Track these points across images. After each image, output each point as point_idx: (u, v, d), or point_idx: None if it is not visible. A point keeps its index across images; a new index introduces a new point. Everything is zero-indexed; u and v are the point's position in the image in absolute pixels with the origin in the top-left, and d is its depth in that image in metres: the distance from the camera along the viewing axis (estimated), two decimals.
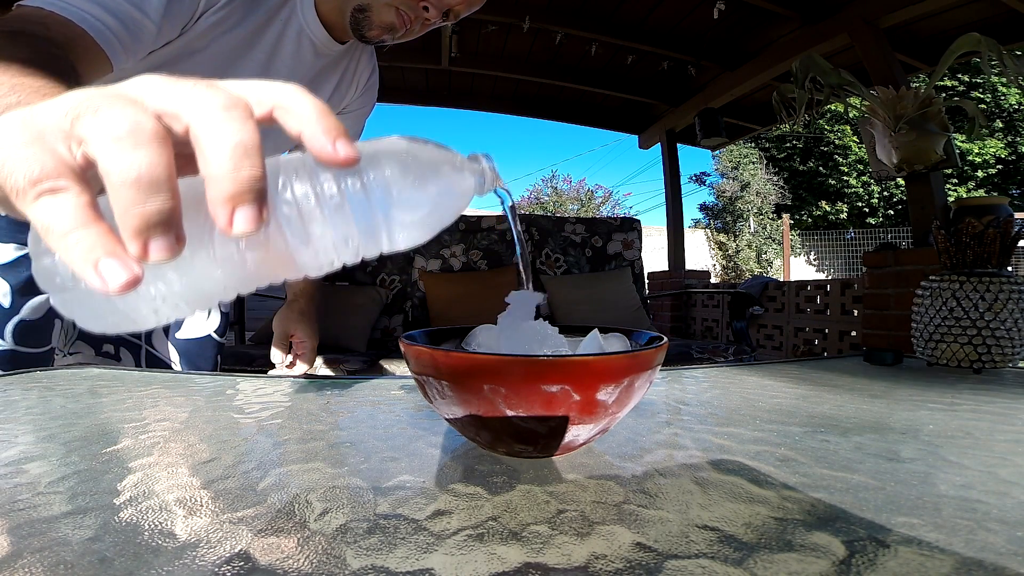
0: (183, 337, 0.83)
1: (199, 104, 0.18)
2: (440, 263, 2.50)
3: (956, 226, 0.64)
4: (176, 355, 0.82)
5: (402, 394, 0.49)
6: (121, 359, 0.78)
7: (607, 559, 0.19)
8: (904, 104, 2.00)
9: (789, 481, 0.26)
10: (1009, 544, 0.19)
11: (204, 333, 0.84)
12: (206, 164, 0.18)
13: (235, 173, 0.18)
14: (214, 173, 0.18)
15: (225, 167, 0.18)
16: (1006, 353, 0.60)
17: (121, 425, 0.37)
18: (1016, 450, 0.31)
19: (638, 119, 4.11)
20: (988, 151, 10.40)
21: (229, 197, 0.18)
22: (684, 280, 3.71)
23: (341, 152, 0.20)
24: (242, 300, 2.65)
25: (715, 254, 11.09)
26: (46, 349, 0.67)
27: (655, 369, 0.28)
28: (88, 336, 0.77)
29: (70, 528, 0.20)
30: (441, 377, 0.27)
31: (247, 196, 0.18)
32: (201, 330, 0.84)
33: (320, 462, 0.29)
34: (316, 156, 0.20)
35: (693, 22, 2.85)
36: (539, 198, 13.80)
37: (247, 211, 0.18)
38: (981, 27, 2.27)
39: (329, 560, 0.18)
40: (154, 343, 0.81)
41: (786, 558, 0.18)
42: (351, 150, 0.20)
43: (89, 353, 0.77)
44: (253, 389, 0.51)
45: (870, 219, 11.60)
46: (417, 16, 0.66)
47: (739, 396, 0.48)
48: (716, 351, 2.09)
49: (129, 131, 0.17)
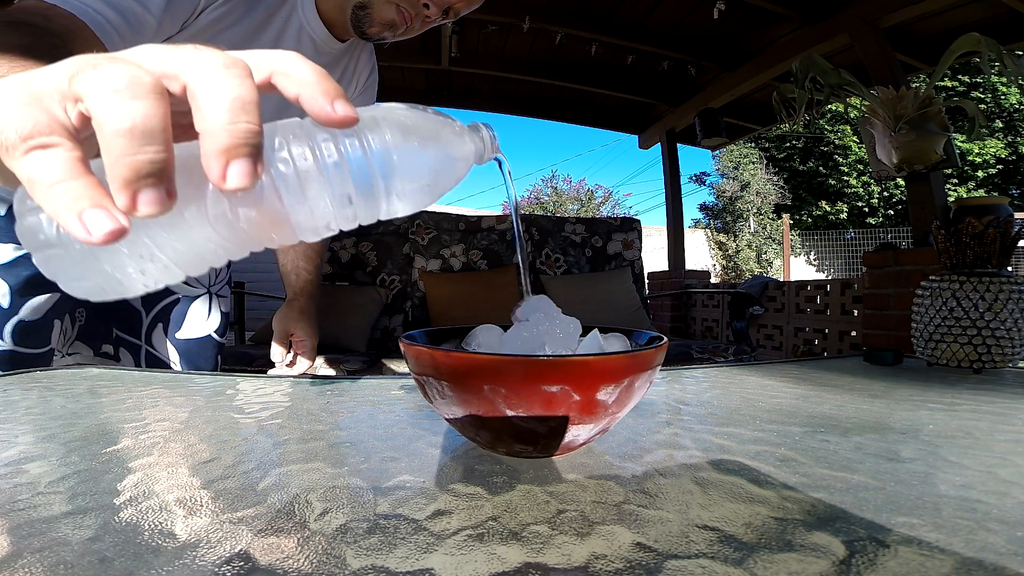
0: (183, 337, 0.82)
1: (198, 63, 0.18)
2: (440, 263, 2.50)
3: (956, 226, 0.64)
4: (176, 355, 0.82)
5: (402, 394, 0.49)
6: (120, 359, 0.78)
7: (607, 559, 0.19)
8: (904, 104, 2.00)
9: (789, 481, 0.26)
10: (1009, 544, 0.19)
11: (204, 333, 0.84)
12: (202, 119, 0.18)
13: (231, 126, 0.17)
14: (210, 127, 0.18)
15: (221, 120, 0.17)
16: (1006, 353, 0.60)
17: (121, 425, 0.37)
18: (1016, 450, 0.31)
19: (638, 119, 4.11)
20: (988, 151, 10.40)
21: (224, 150, 0.17)
22: (684, 280, 3.71)
23: (339, 111, 0.20)
24: (242, 300, 2.64)
25: (715, 254, 11.09)
26: (45, 350, 0.67)
27: (655, 369, 0.28)
28: (87, 336, 0.77)
29: (70, 528, 0.20)
30: (441, 377, 0.27)
31: (242, 150, 0.18)
32: (201, 330, 0.84)
33: (320, 462, 0.29)
34: (314, 116, 0.20)
35: (693, 22, 2.85)
36: (539, 198, 13.80)
37: (241, 165, 0.18)
38: (981, 27, 2.27)
39: (329, 560, 0.18)
40: (154, 343, 0.81)
41: (786, 558, 0.18)
42: (349, 110, 0.20)
43: (88, 353, 0.76)
44: (253, 389, 0.51)
45: (870, 219, 11.60)
46: (417, 13, 0.66)
47: (739, 396, 0.48)
48: (716, 351, 2.09)
49: (127, 84, 0.17)
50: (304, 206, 0.21)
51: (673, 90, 3.59)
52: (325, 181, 0.21)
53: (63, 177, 0.17)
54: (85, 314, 0.76)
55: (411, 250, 2.51)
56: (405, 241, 2.52)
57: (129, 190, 0.17)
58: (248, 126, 0.18)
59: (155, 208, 0.17)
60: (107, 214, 0.17)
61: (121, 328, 0.79)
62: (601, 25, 2.89)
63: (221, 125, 0.17)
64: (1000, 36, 2.17)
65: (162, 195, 0.17)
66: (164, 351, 0.81)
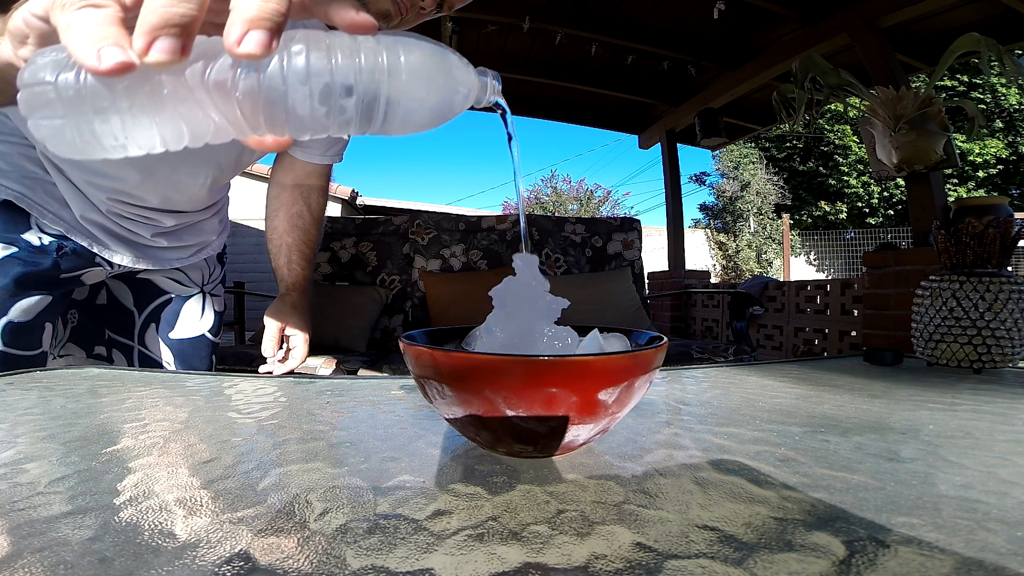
0: (176, 337, 0.82)
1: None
2: (440, 263, 2.50)
3: (956, 226, 0.64)
4: (169, 355, 0.82)
5: (402, 394, 0.49)
6: (113, 360, 0.78)
7: (607, 559, 0.19)
8: (904, 104, 2.00)
9: (789, 481, 0.26)
10: (1009, 544, 0.19)
11: (198, 333, 0.84)
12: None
13: (263, 2, 0.19)
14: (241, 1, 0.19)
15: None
16: (1006, 353, 0.60)
17: (121, 425, 0.37)
18: (1016, 450, 0.31)
19: (638, 119, 4.11)
20: (988, 151, 10.40)
21: (249, 19, 0.19)
22: (684, 280, 3.71)
23: (360, 17, 0.22)
24: (242, 300, 2.64)
25: (715, 254, 11.09)
26: (37, 352, 0.67)
27: (655, 369, 0.28)
28: (79, 338, 0.76)
29: (70, 528, 0.20)
30: (441, 377, 0.27)
31: (265, 23, 0.19)
32: (195, 330, 0.84)
33: (320, 462, 0.29)
34: (338, 20, 0.22)
35: (693, 22, 2.85)
36: (539, 198, 13.80)
37: (260, 35, 0.19)
38: (981, 27, 2.27)
39: (329, 560, 0.18)
40: (147, 343, 0.80)
41: (786, 558, 0.18)
42: (369, 18, 0.22)
43: (80, 355, 0.76)
44: (253, 389, 0.51)
45: (870, 219, 11.60)
46: (413, 4, 0.66)
47: (739, 396, 0.48)
48: (716, 351, 2.09)
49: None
50: (303, 89, 0.22)
51: (673, 90, 3.59)
52: (330, 69, 0.22)
53: (99, 23, 0.19)
54: (77, 315, 0.76)
55: (411, 250, 2.51)
56: (405, 241, 2.52)
57: (151, 36, 0.19)
58: (278, 6, 0.19)
59: (167, 56, 0.19)
60: (122, 51, 0.19)
61: (113, 329, 0.78)
62: (601, 25, 2.89)
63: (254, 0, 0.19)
64: (1000, 36, 2.17)
65: (177, 47, 0.19)
66: (157, 351, 0.81)
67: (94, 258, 0.70)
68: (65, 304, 0.72)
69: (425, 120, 0.25)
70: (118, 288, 0.79)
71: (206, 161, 0.70)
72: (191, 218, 0.78)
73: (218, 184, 0.75)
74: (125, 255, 0.72)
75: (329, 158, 0.84)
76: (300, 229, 0.83)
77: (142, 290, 0.80)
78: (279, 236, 0.83)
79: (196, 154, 0.66)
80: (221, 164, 0.72)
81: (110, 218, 0.68)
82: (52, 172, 0.64)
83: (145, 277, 0.80)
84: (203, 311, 0.85)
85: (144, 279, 0.80)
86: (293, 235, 0.83)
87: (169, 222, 0.74)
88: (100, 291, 0.78)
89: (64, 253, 0.66)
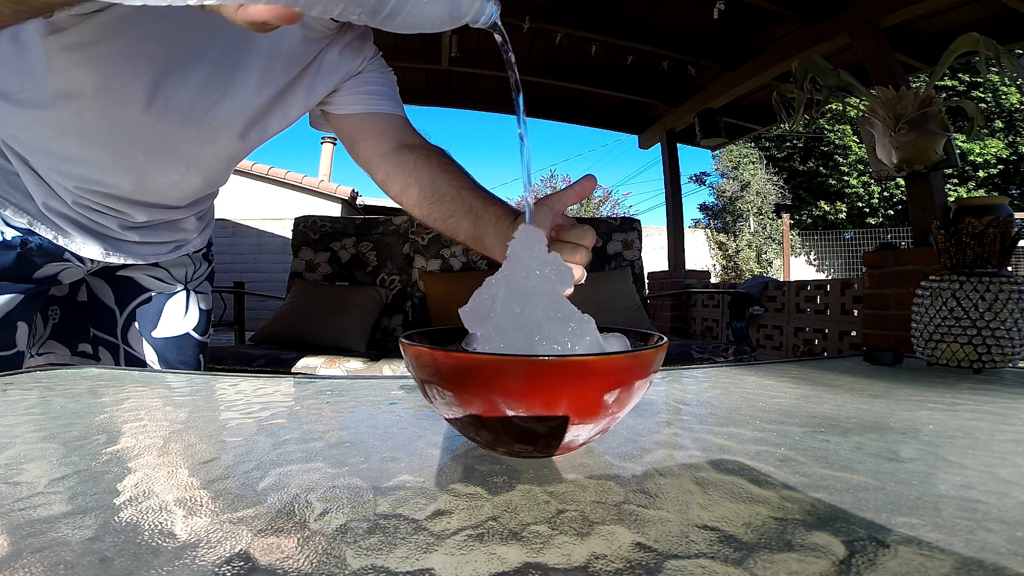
0: (159, 336, 0.79)
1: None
2: (440, 263, 2.50)
3: (956, 226, 0.64)
4: (153, 354, 0.79)
5: (402, 394, 0.49)
6: (100, 358, 0.76)
7: (607, 559, 0.19)
8: (904, 104, 2.00)
9: (789, 481, 0.26)
10: (1009, 544, 0.19)
11: (182, 331, 0.81)
12: None
13: None
14: None
15: None
16: (1006, 353, 0.60)
17: (121, 425, 0.37)
18: (1016, 450, 0.31)
19: (638, 119, 4.11)
20: (988, 151, 10.40)
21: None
22: (684, 280, 3.71)
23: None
24: (242, 300, 2.64)
25: (715, 254, 11.09)
26: (12, 352, 0.65)
27: (655, 369, 0.28)
28: (62, 336, 0.74)
29: (70, 528, 0.20)
30: (441, 377, 0.27)
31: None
32: (178, 328, 0.81)
33: (320, 462, 0.29)
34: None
35: (693, 22, 2.85)
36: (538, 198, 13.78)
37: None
38: (981, 27, 2.27)
39: (329, 560, 0.18)
40: (130, 342, 0.78)
41: (786, 558, 0.18)
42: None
43: (64, 352, 0.74)
44: (253, 389, 0.51)
45: (870, 219, 11.60)
46: None
47: (739, 396, 0.48)
48: (716, 351, 2.09)
49: None
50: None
51: (673, 90, 3.59)
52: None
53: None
54: (59, 312, 0.74)
55: (411, 250, 2.51)
56: (405, 241, 2.52)
57: None
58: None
59: None
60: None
61: (97, 327, 0.76)
62: (601, 25, 2.89)
63: None
64: (1000, 36, 2.17)
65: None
66: (140, 350, 0.78)
67: (62, 253, 0.67)
68: (40, 303, 0.70)
69: (427, 18, 0.26)
70: (98, 286, 0.77)
71: (174, 152, 0.64)
72: (167, 215, 0.74)
73: (195, 186, 0.71)
74: (94, 247, 0.68)
75: (396, 106, 0.69)
76: (448, 173, 0.64)
77: (123, 288, 0.78)
78: (439, 194, 0.62)
79: (164, 145, 0.63)
80: (190, 159, 0.65)
81: (76, 210, 0.65)
82: (15, 161, 0.61)
83: (126, 275, 0.78)
84: (187, 309, 0.82)
85: (125, 276, 0.78)
86: (455, 180, 0.63)
87: (141, 216, 0.70)
88: (80, 288, 0.76)
89: (29, 248, 0.64)
